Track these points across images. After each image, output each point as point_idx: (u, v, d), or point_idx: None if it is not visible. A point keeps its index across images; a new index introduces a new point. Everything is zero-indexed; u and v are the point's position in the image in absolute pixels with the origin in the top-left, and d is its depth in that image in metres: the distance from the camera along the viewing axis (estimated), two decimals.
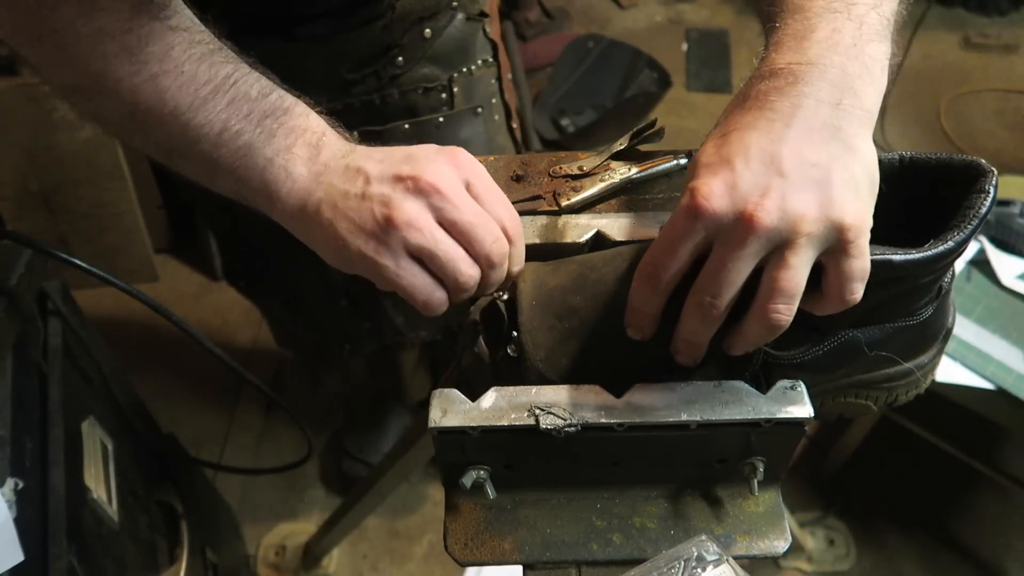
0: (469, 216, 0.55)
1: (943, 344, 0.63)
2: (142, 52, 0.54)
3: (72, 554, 0.80)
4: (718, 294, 0.49)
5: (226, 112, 0.56)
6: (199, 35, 0.58)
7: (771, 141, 0.47)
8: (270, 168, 0.56)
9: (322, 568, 1.64)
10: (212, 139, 0.56)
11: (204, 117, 0.55)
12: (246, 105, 0.56)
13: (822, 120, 0.48)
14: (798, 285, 0.48)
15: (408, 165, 0.55)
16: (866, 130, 0.49)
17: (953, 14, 3.00)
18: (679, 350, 0.55)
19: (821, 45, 0.50)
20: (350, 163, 0.56)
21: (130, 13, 0.54)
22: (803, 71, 0.49)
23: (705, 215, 0.47)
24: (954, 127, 2.58)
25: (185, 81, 0.55)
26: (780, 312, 0.48)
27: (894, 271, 0.50)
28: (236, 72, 0.57)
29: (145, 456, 1.18)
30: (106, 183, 1.94)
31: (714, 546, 0.53)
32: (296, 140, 0.57)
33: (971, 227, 0.49)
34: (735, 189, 0.47)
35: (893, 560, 1.64)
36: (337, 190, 0.55)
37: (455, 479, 0.58)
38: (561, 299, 0.60)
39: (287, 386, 1.96)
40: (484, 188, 0.57)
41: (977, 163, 0.51)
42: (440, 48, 0.99)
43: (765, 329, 0.50)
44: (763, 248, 0.47)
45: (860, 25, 0.50)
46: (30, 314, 0.93)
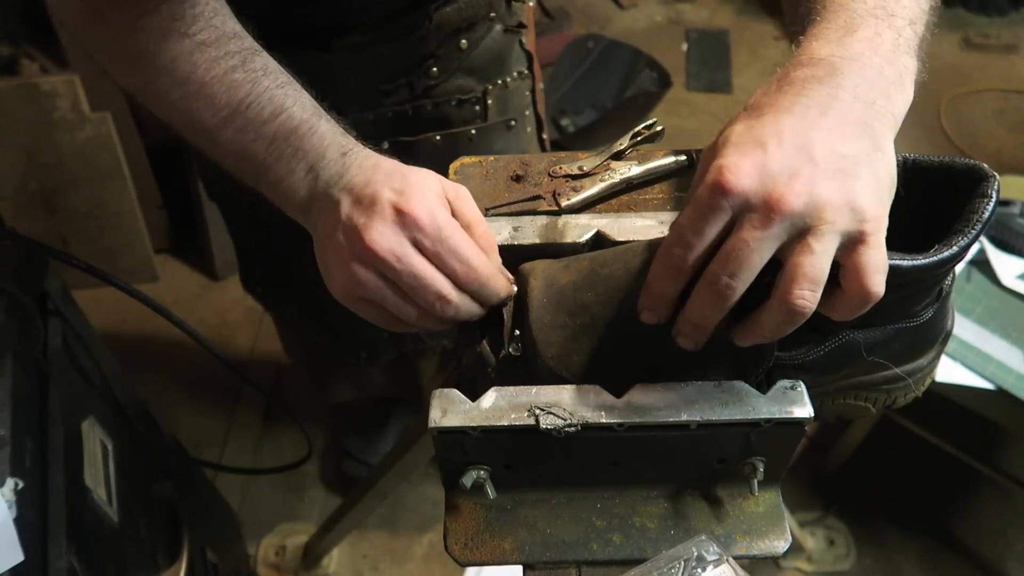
0: (407, 279, 0.56)
1: (942, 346, 0.64)
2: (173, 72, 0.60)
3: (72, 554, 0.79)
4: (736, 274, 0.48)
5: (242, 135, 0.60)
6: (226, 46, 0.61)
7: (805, 127, 0.47)
8: (279, 186, 0.61)
9: (322, 568, 1.64)
10: (234, 158, 0.62)
11: (224, 137, 0.61)
12: (259, 128, 0.60)
13: (856, 115, 0.48)
14: (822, 271, 0.47)
15: (363, 216, 0.57)
16: (892, 134, 0.49)
17: (953, 14, 3.00)
18: (683, 332, 0.53)
19: (863, 44, 0.50)
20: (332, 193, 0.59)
21: (161, 34, 0.59)
22: (844, 64, 0.49)
23: (733, 192, 0.46)
24: (954, 127, 2.58)
25: (205, 105, 0.60)
26: (805, 298, 0.47)
27: (900, 276, 0.50)
28: (250, 94, 0.60)
29: (145, 456, 1.18)
30: (106, 183, 1.94)
31: (714, 546, 0.53)
32: (297, 164, 0.60)
33: (975, 231, 0.50)
34: (764, 169, 0.46)
35: (893, 560, 1.64)
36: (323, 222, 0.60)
37: (455, 479, 0.58)
38: (572, 296, 0.60)
39: (287, 386, 1.96)
40: (433, 243, 0.56)
41: (979, 167, 0.52)
42: (476, 60, 0.98)
43: (786, 316, 0.48)
44: (786, 232, 0.47)
45: (899, 35, 0.51)
46: (30, 314, 0.93)
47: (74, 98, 1.80)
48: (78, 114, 1.83)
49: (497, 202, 0.70)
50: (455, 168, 0.75)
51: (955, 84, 2.73)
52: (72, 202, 1.96)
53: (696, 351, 0.55)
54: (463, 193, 0.60)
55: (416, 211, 0.55)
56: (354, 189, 0.58)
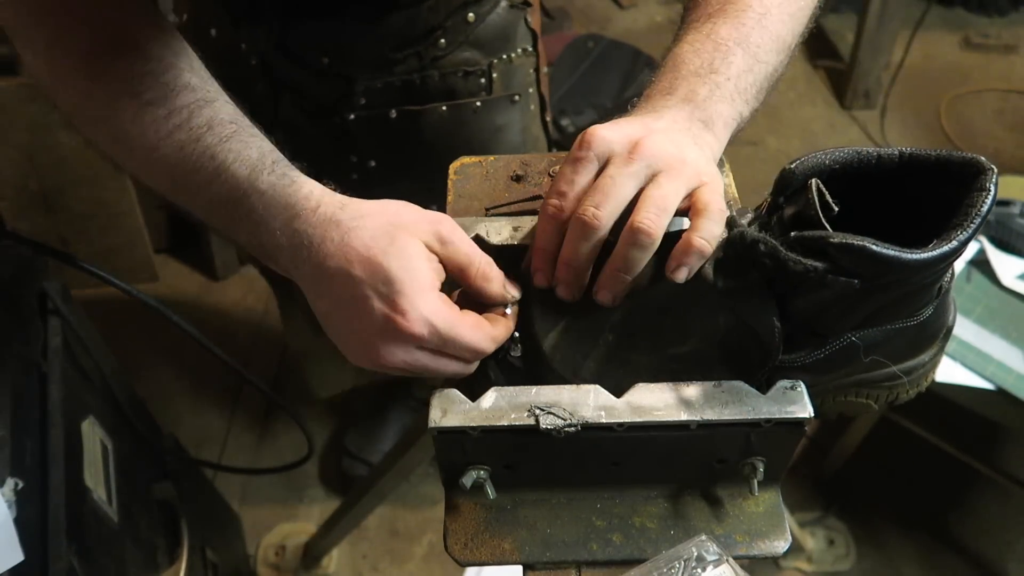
0: (421, 371, 0.57)
1: (944, 342, 0.63)
2: (125, 139, 0.60)
3: (72, 554, 0.79)
4: (601, 204, 0.55)
5: (195, 199, 0.61)
6: (174, 102, 0.61)
7: (644, 123, 0.59)
8: (260, 249, 0.60)
9: (322, 568, 1.64)
10: (204, 216, 0.62)
11: (198, 203, 0.61)
12: (205, 190, 0.59)
13: (679, 128, 0.60)
14: (669, 202, 0.55)
15: (330, 300, 0.57)
16: (711, 154, 0.60)
17: (953, 14, 3.00)
18: (560, 277, 0.58)
19: (677, 99, 0.62)
20: (326, 270, 0.56)
21: (112, 96, 0.60)
22: (665, 110, 0.61)
23: (597, 142, 0.56)
24: (954, 127, 2.59)
25: (158, 171, 0.61)
26: (651, 220, 0.54)
27: (899, 271, 0.49)
28: (192, 154, 0.59)
29: (145, 456, 1.18)
30: (106, 183, 1.94)
31: (714, 546, 0.53)
32: (261, 239, 0.59)
33: (974, 226, 0.49)
34: (622, 129, 0.57)
35: (893, 560, 1.64)
36: (331, 297, 0.58)
37: (455, 479, 0.58)
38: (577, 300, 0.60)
39: (287, 386, 1.96)
40: (438, 346, 0.56)
41: (977, 160, 0.51)
42: (482, 33, 1.00)
43: (634, 239, 0.54)
44: (644, 172, 0.55)
45: (715, 89, 0.62)
46: (30, 314, 0.93)
47: None
48: None
49: (497, 202, 0.70)
50: (455, 168, 0.75)
51: (955, 84, 2.73)
52: (72, 202, 1.95)
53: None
54: (448, 232, 0.57)
55: (413, 328, 0.54)
56: (335, 281, 0.55)
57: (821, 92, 2.75)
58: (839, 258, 0.49)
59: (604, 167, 0.57)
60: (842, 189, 0.52)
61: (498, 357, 0.60)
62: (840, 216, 0.52)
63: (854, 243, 0.48)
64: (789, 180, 0.53)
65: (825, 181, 0.52)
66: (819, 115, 2.67)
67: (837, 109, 2.69)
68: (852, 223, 0.51)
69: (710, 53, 0.64)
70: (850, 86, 2.64)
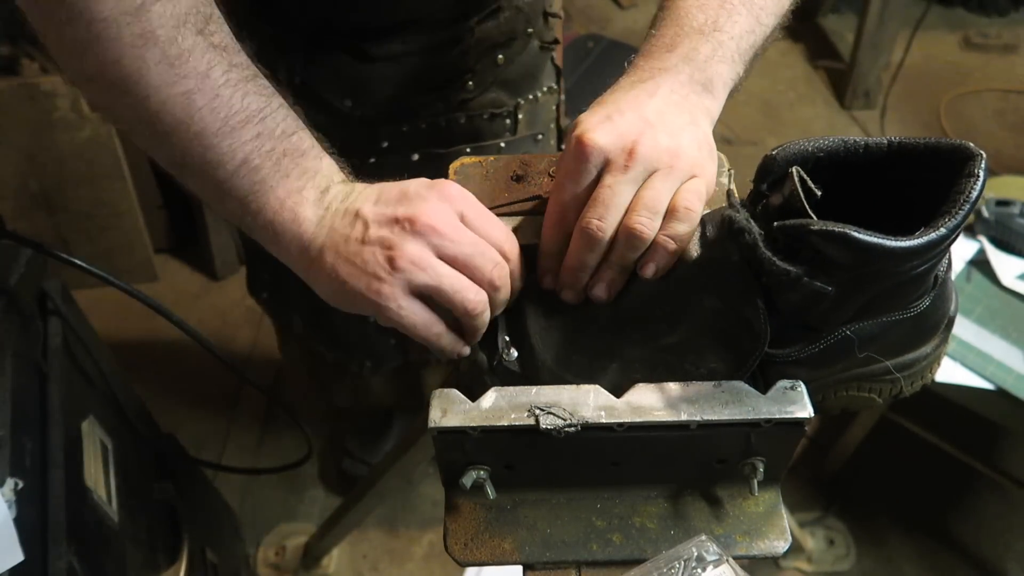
0: (467, 248, 0.57)
1: (947, 333, 0.62)
2: (183, 66, 0.54)
3: (72, 554, 0.79)
4: (604, 216, 0.57)
5: (251, 145, 0.56)
6: (237, 57, 0.58)
7: (638, 104, 0.58)
8: (280, 208, 0.57)
9: (322, 568, 1.64)
10: (231, 168, 0.56)
11: (228, 145, 0.56)
12: (270, 142, 0.57)
13: (674, 102, 0.59)
14: (660, 203, 0.56)
15: (403, 206, 0.56)
16: (707, 120, 0.61)
17: (953, 14, 3.00)
18: (565, 283, 0.60)
19: (678, 58, 0.61)
20: (349, 207, 0.58)
21: (176, 23, 0.54)
22: (660, 74, 0.61)
23: (594, 151, 0.57)
24: (954, 127, 2.58)
25: (218, 105, 0.55)
26: (642, 223, 0.56)
27: (887, 259, 0.49)
28: (267, 107, 0.58)
29: (145, 456, 1.18)
30: (106, 183, 1.94)
31: (714, 546, 0.53)
32: (307, 183, 0.58)
33: (963, 212, 0.48)
34: (615, 130, 0.57)
35: (893, 560, 1.64)
36: (339, 235, 0.57)
37: (455, 479, 0.58)
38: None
39: (287, 386, 1.96)
40: (476, 216, 0.59)
41: (965, 146, 0.50)
42: (510, 74, 0.99)
43: (627, 239, 0.57)
44: (640, 176, 0.57)
45: (717, 48, 0.62)
46: (30, 314, 0.93)
47: (74, 98, 1.80)
48: (78, 114, 1.83)
49: (497, 202, 0.70)
50: (455, 168, 0.75)
51: (955, 84, 2.73)
52: (72, 202, 1.95)
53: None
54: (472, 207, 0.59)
55: (453, 190, 0.58)
56: (374, 193, 0.58)
57: (821, 92, 2.75)
58: (821, 246, 0.48)
59: (602, 173, 0.57)
60: (829, 179, 0.52)
61: (493, 362, 0.60)
62: (829, 207, 0.51)
63: (835, 230, 0.47)
64: (771, 167, 0.53)
65: (811, 171, 0.51)
66: (819, 115, 2.67)
67: (837, 109, 2.69)
68: (842, 214, 0.50)
69: (715, 10, 0.63)
70: (850, 86, 2.64)
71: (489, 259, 0.58)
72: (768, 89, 2.75)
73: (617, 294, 0.60)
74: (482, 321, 0.59)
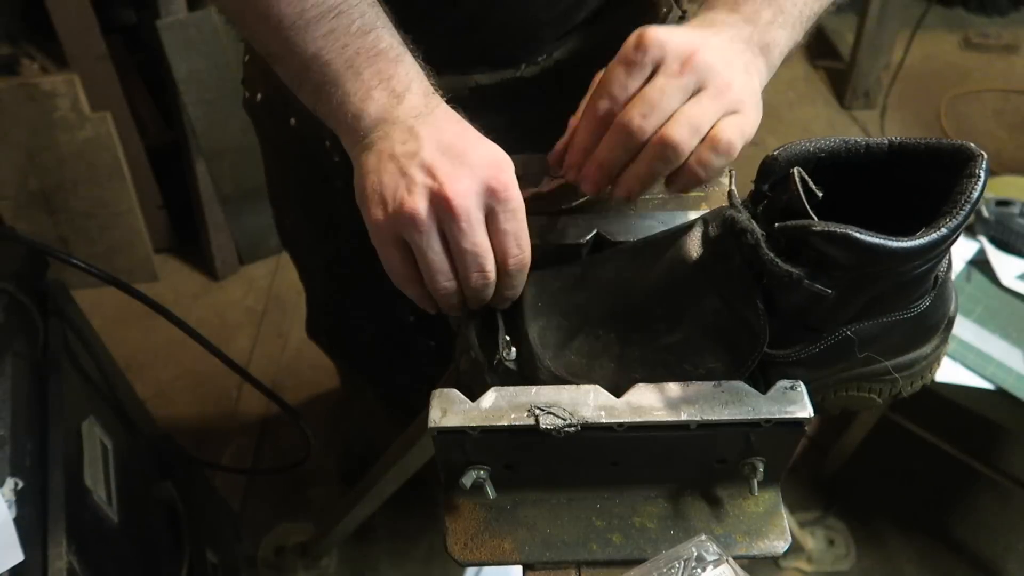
0: (466, 244, 0.55)
1: (946, 334, 0.62)
2: None
3: (72, 554, 0.79)
4: (647, 115, 0.56)
5: (323, 40, 0.56)
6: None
7: (699, 35, 0.59)
8: (345, 102, 0.57)
9: (322, 568, 1.64)
10: (305, 60, 0.57)
11: (302, 38, 0.56)
12: (344, 38, 0.57)
13: (734, 50, 0.59)
14: (704, 121, 0.56)
15: (449, 165, 0.55)
16: (759, 79, 0.61)
17: (953, 14, 3.00)
18: (587, 177, 0.60)
19: (740, 16, 0.61)
20: (415, 126, 0.57)
21: None
22: (723, 27, 0.60)
23: (654, 44, 0.56)
24: (954, 127, 2.58)
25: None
26: (681, 135, 0.55)
27: (888, 259, 0.49)
28: (345, 2, 0.57)
29: (145, 456, 1.18)
30: (106, 183, 1.94)
31: (714, 546, 0.53)
32: (379, 84, 0.58)
33: (963, 213, 0.48)
34: (673, 37, 0.57)
35: (893, 560, 1.64)
36: (389, 145, 0.57)
37: (455, 479, 0.58)
38: (565, 298, 0.60)
39: (287, 386, 1.96)
40: (504, 220, 0.56)
41: (966, 147, 0.50)
42: None
43: (662, 155, 0.57)
44: (691, 86, 0.56)
45: (779, 13, 0.61)
46: (30, 314, 0.93)
47: (74, 98, 1.80)
48: (78, 114, 1.83)
49: None
50: None
51: (955, 84, 2.73)
52: (72, 202, 1.96)
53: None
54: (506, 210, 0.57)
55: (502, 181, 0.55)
56: (444, 135, 0.56)
57: (821, 92, 2.75)
58: (823, 247, 0.48)
59: (654, 73, 0.57)
60: (830, 180, 0.52)
61: (493, 361, 0.60)
62: (830, 209, 0.51)
63: (836, 231, 0.47)
64: (772, 167, 0.52)
65: (812, 171, 0.51)
66: (819, 115, 2.67)
67: (837, 109, 2.69)
68: (842, 215, 0.50)
69: None
70: (850, 86, 2.64)
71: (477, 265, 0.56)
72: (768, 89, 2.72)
73: (613, 298, 0.59)
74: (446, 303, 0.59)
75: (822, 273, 0.50)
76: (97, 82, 1.83)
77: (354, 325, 1.17)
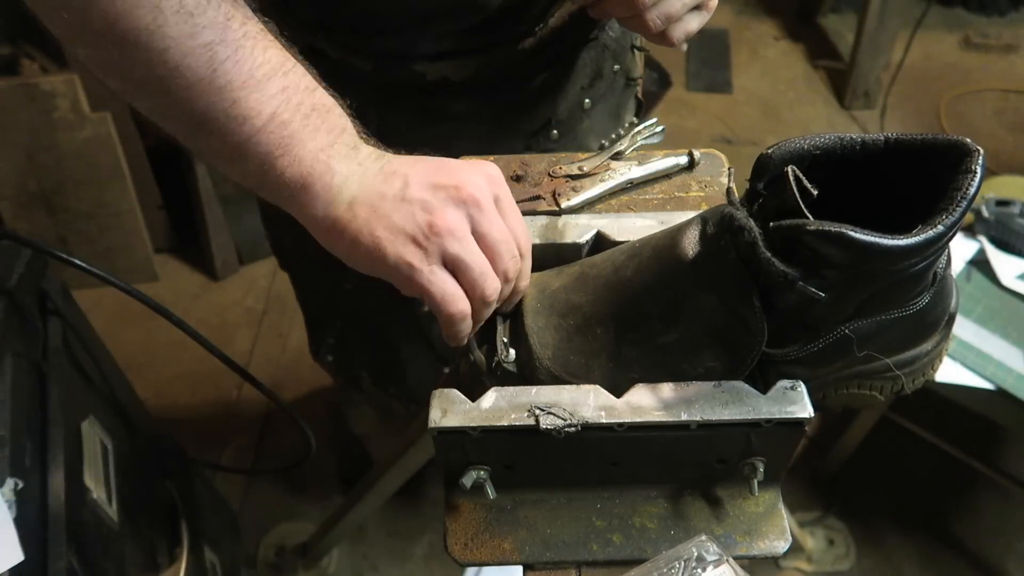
0: (497, 233, 0.55)
1: (947, 329, 0.62)
2: (202, 15, 0.50)
3: (72, 554, 0.79)
4: None
5: (278, 99, 0.53)
6: (248, 10, 0.54)
7: None
8: (313, 161, 0.54)
9: (322, 568, 1.64)
10: (259, 123, 0.53)
11: (256, 100, 0.52)
12: (296, 96, 0.54)
13: None
14: None
15: (446, 174, 0.55)
16: None
17: (953, 14, 3.00)
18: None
19: None
20: (385, 166, 0.56)
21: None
22: None
23: None
24: (954, 127, 2.58)
25: (242, 57, 0.52)
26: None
27: (884, 257, 0.48)
28: (287, 61, 0.55)
29: (145, 456, 1.18)
30: (106, 183, 1.94)
31: (714, 546, 0.53)
32: (337, 138, 0.56)
33: (960, 209, 0.48)
34: None
35: (893, 560, 1.64)
36: (374, 190, 0.55)
37: (455, 479, 0.58)
38: (564, 299, 0.60)
39: (287, 386, 1.96)
40: (508, 204, 0.57)
41: (963, 142, 0.50)
42: (596, 117, 0.94)
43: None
44: None
45: None
46: (30, 314, 0.93)
47: (74, 98, 1.80)
48: (78, 114, 1.83)
49: None
50: None
51: (955, 84, 2.73)
52: (72, 202, 1.96)
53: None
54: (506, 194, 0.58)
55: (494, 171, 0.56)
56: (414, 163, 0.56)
57: (821, 92, 2.75)
58: (818, 246, 0.48)
59: None
60: (826, 177, 0.51)
61: (492, 362, 0.60)
62: (826, 205, 0.51)
63: (831, 230, 0.47)
64: (767, 165, 0.52)
65: (807, 169, 0.51)
66: (819, 115, 2.67)
67: (837, 109, 2.69)
68: (839, 212, 0.50)
69: None
70: (850, 86, 2.64)
71: (511, 251, 0.57)
72: (768, 89, 2.75)
73: (612, 298, 0.59)
74: (489, 311, 0.58)
75: (818, 272, 0.50)
76: (97, 82, 1.82)
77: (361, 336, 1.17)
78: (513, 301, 0.61)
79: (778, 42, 2.97)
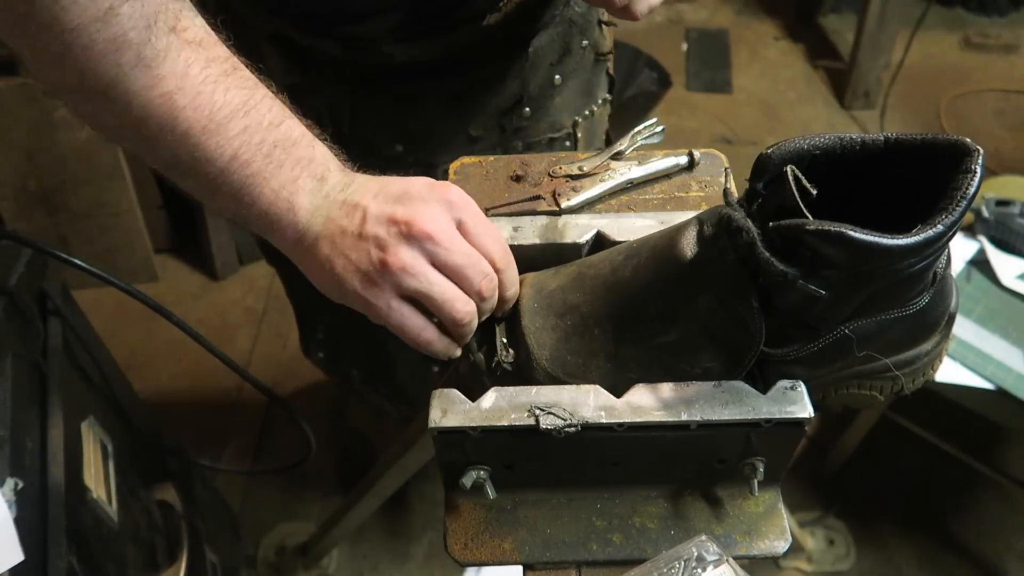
0: (459, 258, 0.56)
1: (948, 329, 0.62)
2: (160, 67, 0.52)
3: (72, 554, 0.80)
4: None
5: (239, 139, 0.55)
6: (214, 51, 0.56)
7: None
8: (275, 199, 0.56)
9: (322, 568, 1.64)
10: (221, 165, 0.55)
11: (216, 142, 0.54)
12: (258, 134, 0.56)
13: None
14: None
15: (403, 206, 0.56)
16: None
17: (953, 14, 3.00)
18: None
19: None
20: (348, 198, 0.57)
21: (147, 23, 0.51)
22: None
23: None
24: (954, 127, 2.58)
25: (201, 103, 0.54)
26: None
27: (884, 257, 0.48)
28: (251, 99, 0.56)
29: (145, 456, 1.18)
30: (106, 183, 1.94)
31: (714, 546, 0.53)
32: (302, 172, 0.57)
33: (960, 209, 0.48)
34: None
35: (893, 560, 1.64)
36: (336, 225, 0.57)
37: (455, 479, 0.58)
38: (561, 299, 0.60)
39: (287, 386, 1.96)
40: (474, 224, 0.58)
41: (963, 142, 0.50)
42: (567, 93, 0.95)
43: None
44: None
45: None
46: (30, 314, 0.93)
47: None
48: None
49: (497, 202, 0.70)
50: (455, 168, 0.75)
51: (955, 84, 2.73)
52: (72, 202, 1.96)
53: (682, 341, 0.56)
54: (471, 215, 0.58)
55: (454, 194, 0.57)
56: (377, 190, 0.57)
57: (821, 92, 2.75)
58: (817, 246, 0.48)
59: None
60: (825, 176, 0.51)
61: (491, 363, 0.60)
62: (826, 205, 0.51)
63: (831, 230, 0.47)
64: (766, 165, 0.52)
65: (806, 168, 0.51)
66: (819, 115, 2.67)
67: (837, 109, 2.69)
68: (838, 211, 0.50)
69: None
70: (850, 86, 2.64)
71: (480, 271, 0.57)
72: (768, 89, 2.75)
73: (609, 298, 0.59)
74: (469, 329, 0.59)
75: (817, 272, 0.50)
76: None
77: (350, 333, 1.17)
78: (504, 308, 0.62)
79: (778, 42, 2.97)
